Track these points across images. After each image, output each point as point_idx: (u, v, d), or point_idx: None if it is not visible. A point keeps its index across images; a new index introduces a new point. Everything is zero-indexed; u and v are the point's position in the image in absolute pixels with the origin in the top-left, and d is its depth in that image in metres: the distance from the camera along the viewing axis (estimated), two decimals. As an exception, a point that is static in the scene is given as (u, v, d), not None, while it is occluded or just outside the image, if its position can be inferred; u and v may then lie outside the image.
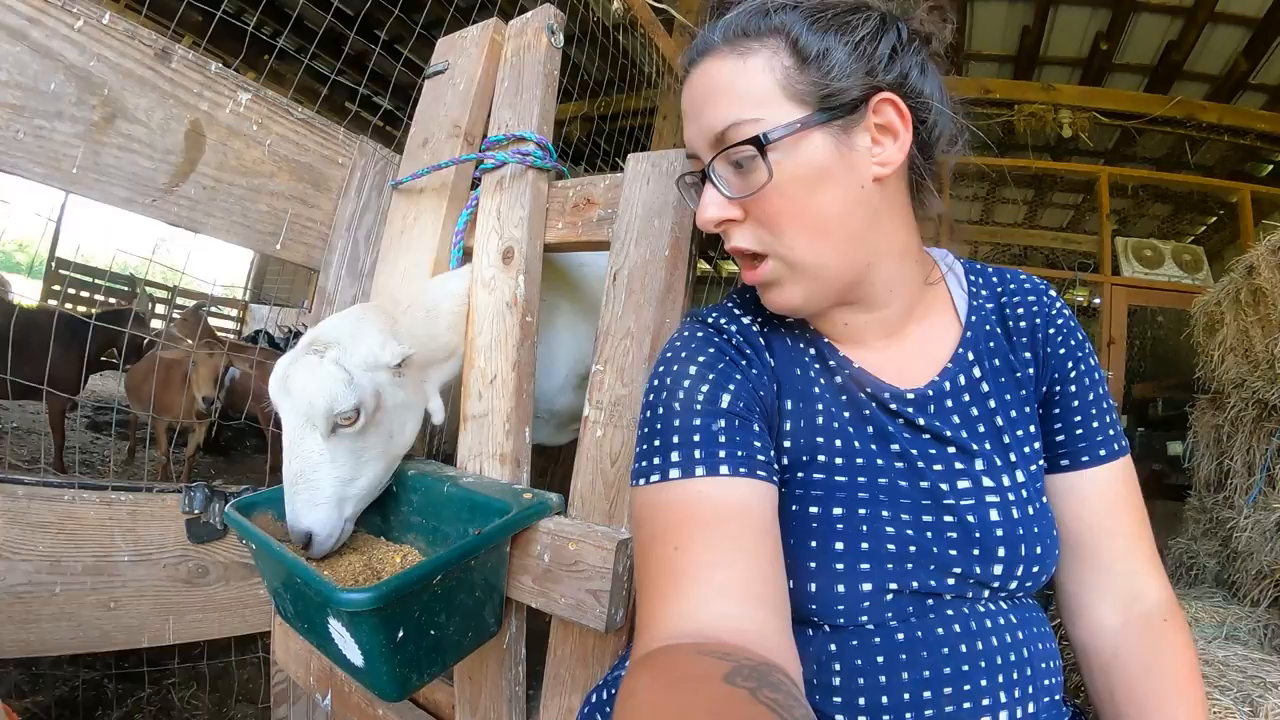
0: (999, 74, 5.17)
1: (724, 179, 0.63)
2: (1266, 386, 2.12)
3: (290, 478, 0.93)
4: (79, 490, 1.17)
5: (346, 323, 1.00)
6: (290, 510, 0.93)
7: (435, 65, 1.39)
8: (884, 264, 0.66)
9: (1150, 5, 4.40)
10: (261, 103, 1.27)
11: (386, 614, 0.74)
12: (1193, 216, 5.74)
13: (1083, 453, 0.68)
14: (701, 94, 0.63)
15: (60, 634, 1.15)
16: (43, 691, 1.68)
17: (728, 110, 0.61)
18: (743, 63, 0.61)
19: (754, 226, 0.63)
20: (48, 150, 1.03)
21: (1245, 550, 1.99)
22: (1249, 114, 4.60)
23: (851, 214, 0.62)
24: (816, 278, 0.63)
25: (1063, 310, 0.71)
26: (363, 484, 0.98)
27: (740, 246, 0.65)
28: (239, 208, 1.26)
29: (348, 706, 1.22)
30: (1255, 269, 2.16)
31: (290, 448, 0.93)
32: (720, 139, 0.61)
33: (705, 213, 0.64)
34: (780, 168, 0.59)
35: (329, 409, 0.90)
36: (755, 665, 0.45)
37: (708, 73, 0.63)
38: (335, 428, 0.92)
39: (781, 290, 0.65)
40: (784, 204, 0.61)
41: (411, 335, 1.04)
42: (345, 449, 0.94)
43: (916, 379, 0.68)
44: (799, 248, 0.62)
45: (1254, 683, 1.45)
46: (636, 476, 0.63)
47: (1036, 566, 0.62)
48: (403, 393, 1.02)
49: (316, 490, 0.92)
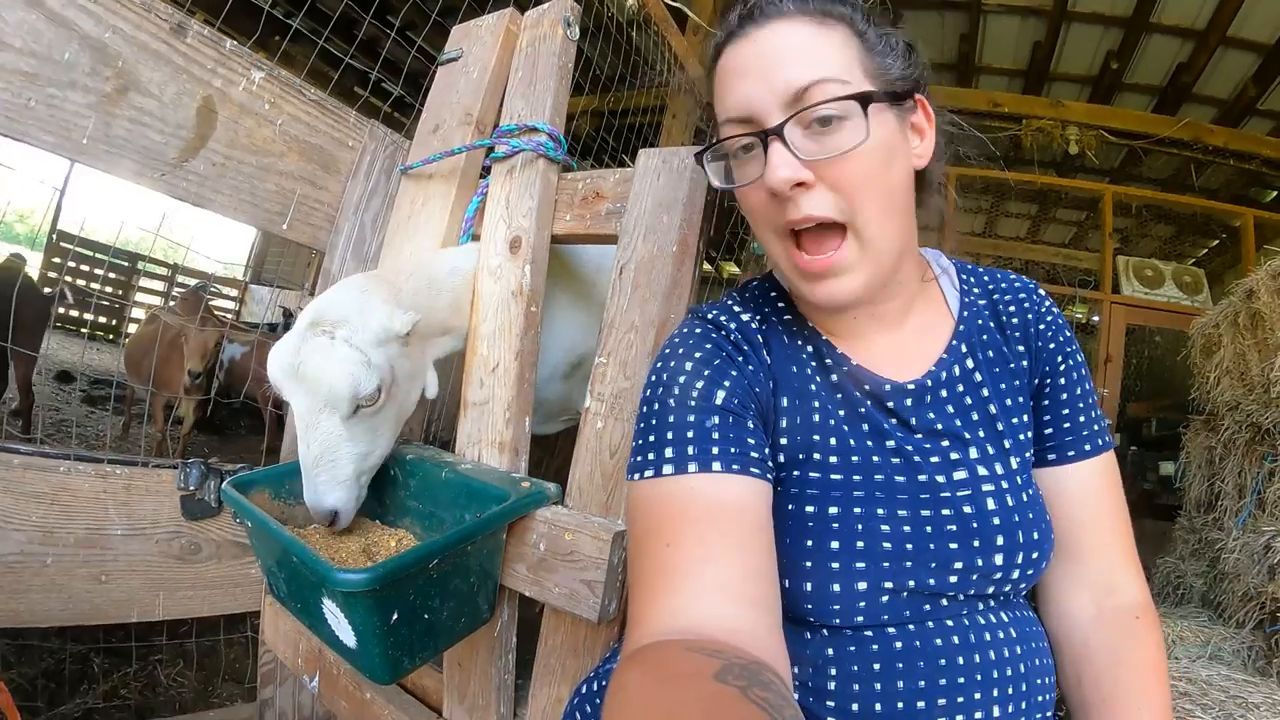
0: (1009, 88, 5.18)
1: (794, 142, 0.59)
2: (1261, 410, 2.13)
3: (310, 460, 0.92)
4: (74, 462, 1.17)
5: (350, 295, 0.97)
6: (312, 491, 0.92)
7: (449, 52, 1.39)
8: (908, 255, 0.67)
9: (1162, 26, 4.41)
10: (274, 82, 1.27)
11: (381, 595, 0.74)
12: (1195, 239, 5.77)
13: (1069, 447, 0.69)
14: (776, 51, 0.60)
15: (50, 605, 1.15)
16: (29, 664, 1.68)
17: (814, 69, 0.58)
18: (825, 31, 0.60)
19: (829, 193, 0.59)
20: (59, 119, 1.03)
21: (1233, 572, 2.01)
22: (1256, 139, 4.63)
23: (908, 194, 0.64)
24: (880, 261, 0.62)
25: (1051, 307, 0.73)
26: (377, 455, 0.99)
27: (816, 213, 0.60)
28: (247, 186, 1.26)
29: (335, 689, 1.22)
30: (1255, 293, 2.16)
31: (307, 432, 0.91)
32: (801, 96, 0.58)
33: (779, 172, 0.58)
34: (872, 133, 0.58)
35: (353, 394, 0.88)
36: (746, 664, 0.45)
37: (782, 32, 0.60)
38: (358, 409, 0.91)
39: (851, 277, 0.62)
40: (869, 168, 0.59)
41: (415, 304, 1.03)
42: (364, 427, 0.94)
43: (912, 372, 0.68)
44: (875, 221, 0.60)
45: (1236, 702, 1.46)
46: (632, 471, 0.63)
47: (1035, 553, 0.62)
48: (409, 363, 1.02)
49: (338, 469, 0.92)
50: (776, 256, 0.65)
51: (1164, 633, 1.90)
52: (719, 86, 0.64)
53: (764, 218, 0.63)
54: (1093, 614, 0.67)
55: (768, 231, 0.64)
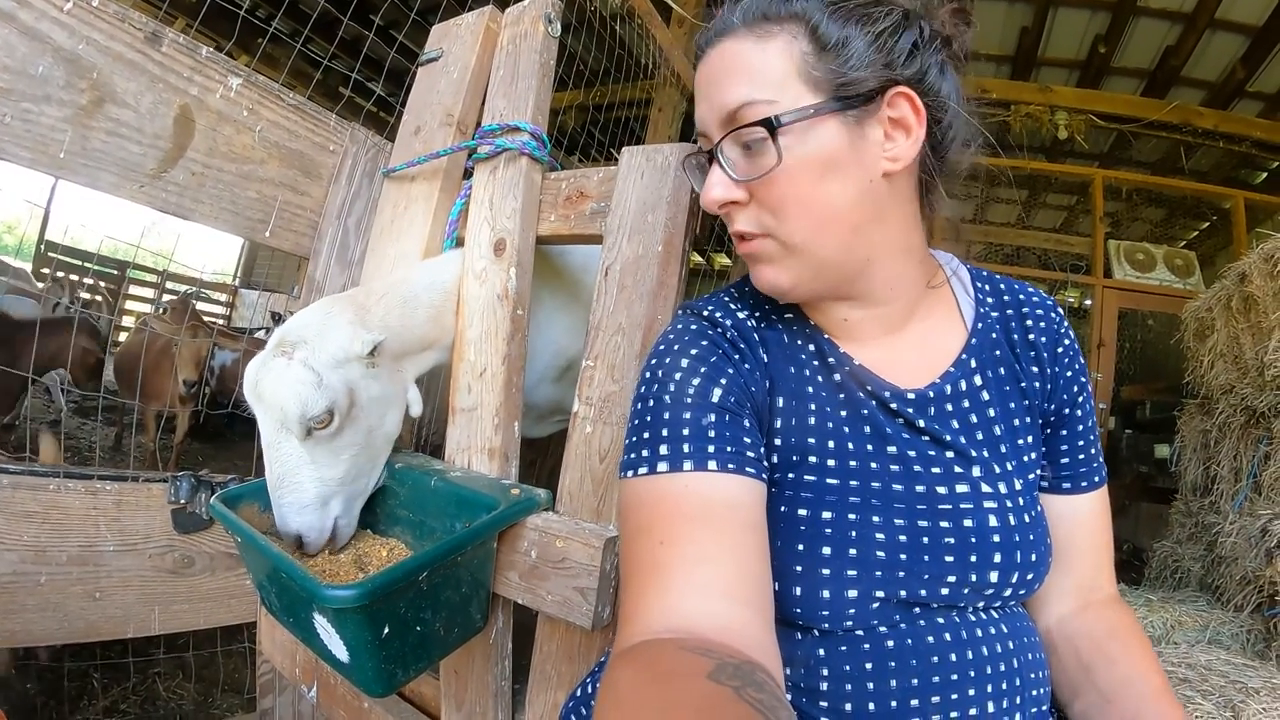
0: (996, 74, 5.16)
1: (731, 161, 0.62)
2: (1255, 394, 2.14)
3: (274, 481, 0.91)
4: (64, 479, 1.15)
5: (314, 318, 0.96)
6: (278, 514, 0.91)
7: (429, 52, 1.38)
8: (885, 261, 0.65)
9: (1150, 9, 4.40)
10: (253, 88, 1.25)
11: (372, 610, 0.73)
12: (1185, 221, 5.77)
13: (1083, 478, 0.70)
14: (717, 72, 0.63)
15: (46, 624, 1.14)
16: (29, 681, 1.67)
17: (742, 90, 0.60)
18: (761, 45, 0.60)
19: (757, 210, 0.63)
20: (35, 134, 1.01)
21: (1230, 555, 2.01)
22: (1245, 121, 4.63)
23: (856, 207, 0.61)
24: (809, 264, 0.63)
25: (1068, 331, 0.72)
26: (349, 481, 0.96)
27: (742, 230, 0.64)
28: (228, 194, 1.24)
29: (333, 699, 1.22)
30: (1248, 276, 2.16)
31: (269, 451, 0.91)
32: (731, 118, 0.61)
33: (710, 193, 0.63)
34: (790, 152, 0.59)
35: (301, 414, 0.88)
36: (739, 663, 0.45)
37: (724, 53, 0.62)
38: (310, 431, 0.90)
39: (772, 268, 0.65)
40: (790, 189, 0.60)
41: (384, 325, 1.02)
42: (324, 449, 0.93)
43: (917, 379, 0.67)
44: (798, 233, 0.61)
45: (1236, 688, 1.46)
46: (625, 468, 0.62)
47: (1031, 574, 0.62)
48: (378, 384, 1.00)
49: (301, 492, 0.91)
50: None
51: (1162, 617, 1.90)
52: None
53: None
54: (1080, 606, 0.70)
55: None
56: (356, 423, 0.96)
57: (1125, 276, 4.36)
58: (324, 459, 0.93)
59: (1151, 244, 4.65)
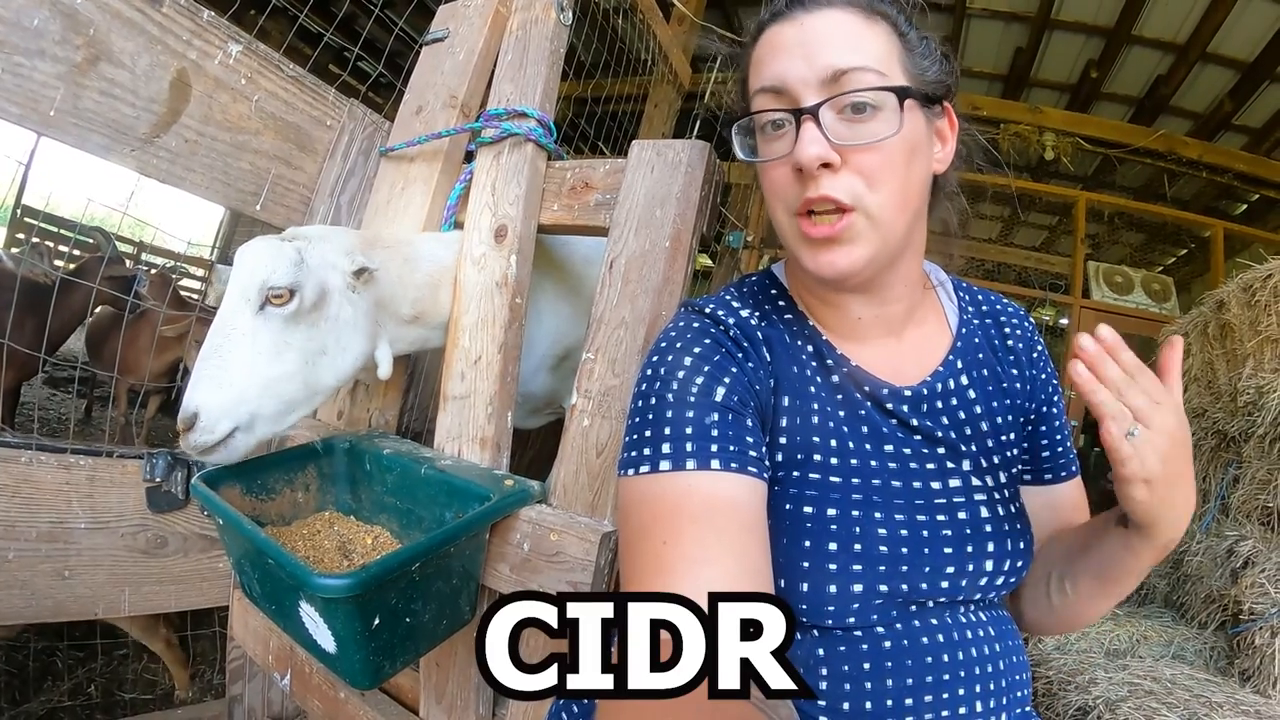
0: (988, 92, 5.24)
1: (826, 124, 0.60)
2: (1227, 418, 2.19)
3: (205, 352, 0.89)
4: (36, 452, 1.11)
5: (323, 229, 1.01)
6: (191, 384, 0.88)
7: (435, 32, 1.35)
8: (909, 257, 0.68)
9: (1144, 39, 4.49)
10: (253, 56, 1.21)
11: (363, 600, 0.72)
12: (1164, 247, 5.91)
13: (1062, 468, 0.75)
14: (824, 33, 0.62)
15: (12, 602, 1.10)
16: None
17: (856, 56, 0.60)
18: (870, 24, 0.62)
19: (850, 177, 0.61)
20: (25, 90, 0.97)
21: (1196, 574, 2.06)
22: (1229, 153, 4.75)
23: (921, 194, 0.65)
24: (883, 241, 0.63)
25: (1039, 338, 0.78)
26: (274, 394, 0.91)
27: (832, 194, 0.61)
28: (221, 164, 1.21)
29: (307, 687, 1.19)
30: (1225, 304, 2.22)
31: (217, 321, 0.90)
32: (840, 80, 0.60)
33: (810, 149, 0.59)
34: (904, 127, 0.61)
35: (266, 278, 0.89)
36: None
37: (832, 19, 0.62)
38: (267, 303, 0.89)
39: (854, 248, 0.62)
40: (890, 159, 0.61)
41: (383, 267, 1.02)
42: (270, 333, 0.90)
43: (909, 378, 0.69)
44: (886, 207, 0.61)
45: (1200, 701, 1.50)
46: (625, 466, 0.62)
47: (1020, 562, 0.65)
48: (351, 309, 0.98)
49: (225, 368, 0.87)
50: (785, 229, 0.66)
51: (1129, 631, 1.94)
52: (757, 61, 0.66)
53: (782, 194, 0.64)
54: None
55: (781, 207, 0.65)
56: (315, 328, 0.94)
57: (1103, 298, 4.45)
58: (265, 345, 0.89)
59: (1130, 267, 4.76)
